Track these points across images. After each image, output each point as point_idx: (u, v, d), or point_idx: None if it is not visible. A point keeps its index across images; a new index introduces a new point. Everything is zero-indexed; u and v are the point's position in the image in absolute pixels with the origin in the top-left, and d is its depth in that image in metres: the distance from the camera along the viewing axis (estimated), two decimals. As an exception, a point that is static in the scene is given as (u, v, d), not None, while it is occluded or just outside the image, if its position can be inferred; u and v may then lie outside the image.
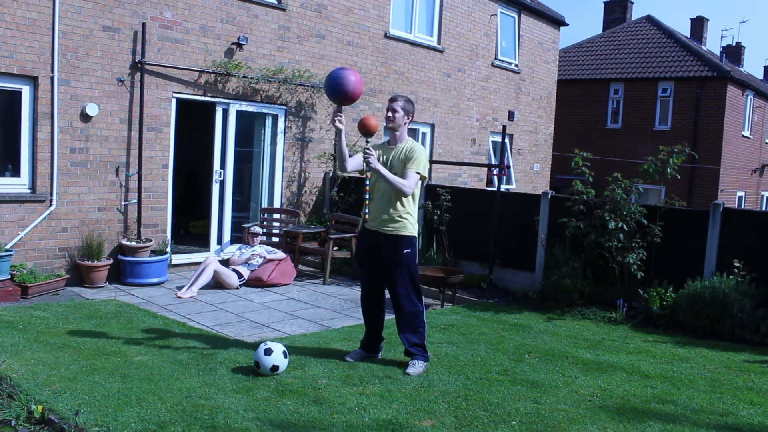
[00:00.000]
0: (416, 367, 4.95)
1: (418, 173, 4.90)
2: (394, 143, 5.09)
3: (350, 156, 5.08)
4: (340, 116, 4.86)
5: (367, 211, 4.89)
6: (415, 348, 5.04)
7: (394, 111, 5.02)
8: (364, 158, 4.80)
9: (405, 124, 5.07)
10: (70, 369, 4.64)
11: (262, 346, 4.71)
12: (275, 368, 4.68)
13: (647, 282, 7.32)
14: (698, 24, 26.45)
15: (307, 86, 9.95)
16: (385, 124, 5.12)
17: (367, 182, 4.90)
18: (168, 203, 8.55)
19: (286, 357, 4.74)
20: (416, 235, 5.04)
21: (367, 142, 4.89)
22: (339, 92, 4.78)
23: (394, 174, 4.87)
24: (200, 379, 4.56)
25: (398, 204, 4.92)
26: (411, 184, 4.86)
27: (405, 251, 4.92)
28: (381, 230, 4.96)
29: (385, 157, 5.04)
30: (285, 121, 9.90)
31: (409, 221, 4.96)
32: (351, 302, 7.44)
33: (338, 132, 4.91)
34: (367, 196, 4.90)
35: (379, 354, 5.28)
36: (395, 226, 4.91)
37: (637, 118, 20.93)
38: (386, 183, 4.84)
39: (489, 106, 13.88)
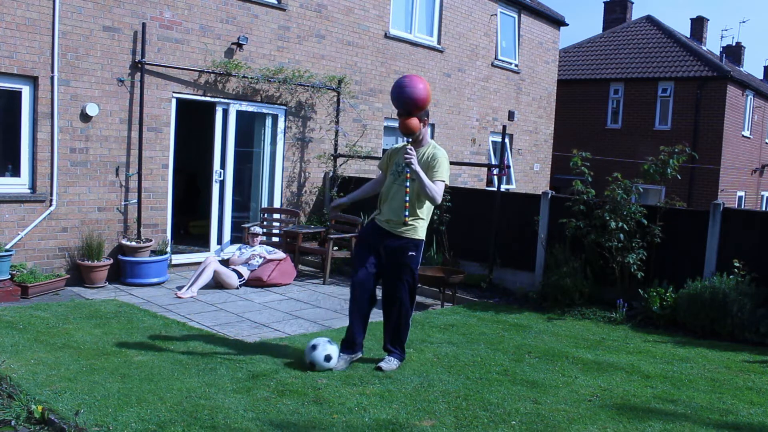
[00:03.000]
0: (390, 364, 5.00)
1: (443, 181, 4.89)
2: (416, 147, 5.03)
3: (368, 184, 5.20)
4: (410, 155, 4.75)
5: (407, 213, 4.78)
6: (394, 347, 5.09)
7: None
8: (406, 159, 4.73)
9: (423, 127, 4.99)
10: (70, 369, 4.64)
11: (310, 344, 4.95)
12: (329, 358, 4.87)
13: (647, 282, 7.32)
14: (698, 24, 26.46)
15: (307, 86, 9.95)
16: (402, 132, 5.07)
17: (407, 184, 4.79)
18: (168, 203, 8.55)
19: (332, 344, 4.95)
20: (424, 239, 5.04)
21: (408, 142, 4.85)
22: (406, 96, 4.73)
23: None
24: (200, 379, 4.56)
25: (414, 208, 4.90)
26: (440, 192, 4.85)
27: (410, 254, 4.94)
28: (392, 231, 4.95)
29: (401, 158, 4.95)
30: (285, 121, 9.90)
31: (420, 225, 4.96)
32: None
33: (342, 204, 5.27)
34: (407, 198, 4.78)
35: (362, 350, 5.22)
36: (407, 228, 4.91)
37: (637, 118, 20.94)
38: (419, 187, 4.78)
39: (489, 106, 13.88)
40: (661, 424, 4.19)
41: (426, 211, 5.00)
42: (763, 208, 24.14)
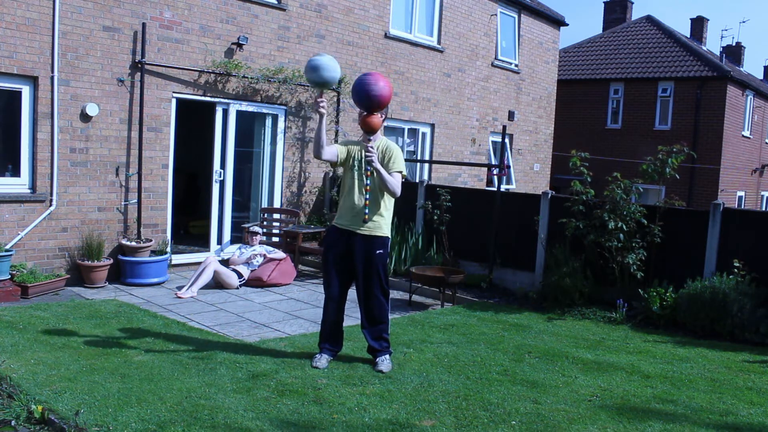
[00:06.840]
0: (385, 363, 5.00)
1: (400, 172, 4.92)
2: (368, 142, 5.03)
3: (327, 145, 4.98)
4: (323, 101, 4.75)
5: (367, 211, 4.88)
6: (380, 344, 5.08)
7: None
8: (367, 157, 4.75)
9: (383, 124, 5.00)
10: (70, 369, 4.63)
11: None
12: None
13: (647, 282, 7.32)
14: (698, 24, 26.46)
15: (307, 86, 9.95)
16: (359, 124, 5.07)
17: (368, 182, 4.88)
18: (168, 203, 8.55)
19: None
20: (390, 236, 5.06)
21: (369, 140, 4.86)
22: (371, 97, 4.70)
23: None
24: (200, 379, 4.56)
25: (376, 206, 4.93)
26: (399, 184, 4.91)
27: (378, 251, 4.94)
28: (356, 230, 4.92)
29: (360, 154, 4.99)
30: (285, 121, 9.90)
31: (384, 223, 4.98)
32: (351, 302, 7.42)
33: (321, 116, 4.78)
34: (368, 196, 4.88)
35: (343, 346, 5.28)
36: (370, 226, 4.92)
37: (637, 118, 20.93)
38: (380, 183, 4.83)
39: (489, 106, 13.88)
40: (661, 424, 4.19)
41: (388, 207, 5.00)
42: (763, 208, 24.14)
